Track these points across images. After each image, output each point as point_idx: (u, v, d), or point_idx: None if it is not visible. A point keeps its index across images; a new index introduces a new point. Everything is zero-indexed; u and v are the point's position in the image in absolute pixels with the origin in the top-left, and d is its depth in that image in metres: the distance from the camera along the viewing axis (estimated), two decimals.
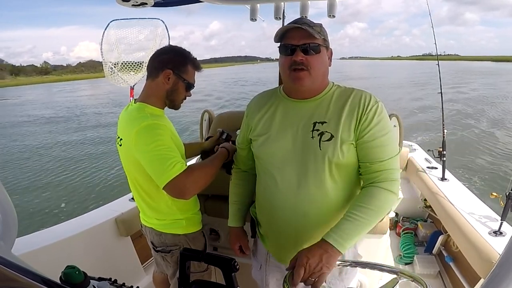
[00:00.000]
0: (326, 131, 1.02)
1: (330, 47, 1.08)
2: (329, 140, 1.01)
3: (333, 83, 1.11)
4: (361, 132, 1.01)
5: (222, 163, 1.36)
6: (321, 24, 1.05)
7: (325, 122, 1.03)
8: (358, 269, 1.18)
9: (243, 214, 1.33)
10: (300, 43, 1.00)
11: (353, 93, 1.06)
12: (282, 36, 1.05)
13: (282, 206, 1.08)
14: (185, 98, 1.39)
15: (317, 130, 1.03)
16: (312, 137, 1.03)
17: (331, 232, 0.94)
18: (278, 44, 1.07)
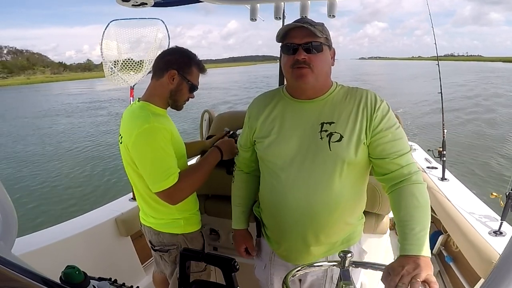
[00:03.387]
0: (335, 132, 1.02)
1: (333, 46, 1.08)
2: (338, 140, 1.01)
3: (336, 83, 1.11)
4: (374, 129, 1.01)
5: (214, 163, 1.37)
6: (323, 23, 1.06)
7: (333, 123, 1.03)
8: (361, 269, 1.19)
9: (247, 216, 1.33)
10: (302, 42, 1.00)
11: (358, 92, 1.07)
12: (284, 36, 1.05)
13: (291, 207, 1.07)
14: (187, 100, 1.40)
15: (326, 130, 1.03)
16: (321, 138, 1.03)
17: (406, 246, 0.89)
18: (280, 44, 1.06)
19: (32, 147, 10.82)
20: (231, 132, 1.60)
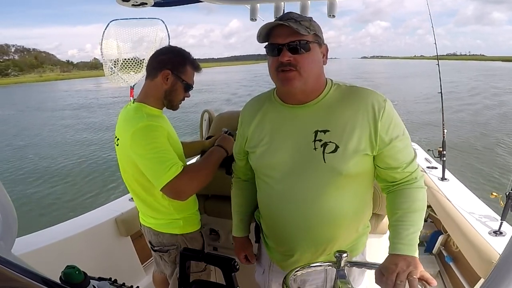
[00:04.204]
0: (330, 141, 0.93)
1: (324, 43, 0.98)
2: (333, 151, 0.93)
3: (332, 81, 1.01)
4: (382, 140, 0.93)
5: (219, 160, 1.35)
6: (311, 17, 0.95)
7: (328, 131, 0.94)
8: (366, 273, 1.18)
9: (246, 224, 1.30)
10: (286, 42, 0.90)
11: (357, 94, 0.96)
12: (266, 35, 0.94)
13: (287, 221, 1.03)
14: (183, 99, 1.39)
15: (320, 140, 0.94)
16: (315, 148, 0.94)
17: (399, 245, 0.89)
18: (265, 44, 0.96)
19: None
20: (229, 132, 1.60)
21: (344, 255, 0.87)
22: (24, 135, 12.84)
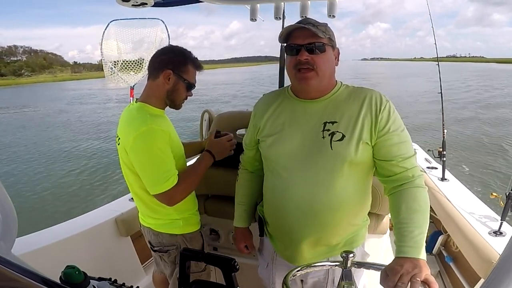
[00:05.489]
0: (337, 131, 1.02)
1: (337, 46, 1.09)
2: (340, 140, 1.01)
3: (341, 82, 1.12)
4: (380, 131, 1.01)
5: (207, 166, 1.39)
6: (326, 24, 1.06)
7: (336, 122, 1.03)
8: (364, 271, 1.18)
9: (249, 215, 1.34)
10: (305, 43, 1.01)
11: (363, 92, 1.06)
12: (287, 37, 1.06)
13: (292, 206, 1.07)
14: (186, 98, 1.39)
15: (328, 130, 1.03)
16: (323, 137, 1.03)
17: (404, 247, 0.89)
18: (281, 45, 1.07)
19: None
20: (221, 132, 1.59)
21: (351, 255, 0.87)
22: (83, 121, 15.71)
